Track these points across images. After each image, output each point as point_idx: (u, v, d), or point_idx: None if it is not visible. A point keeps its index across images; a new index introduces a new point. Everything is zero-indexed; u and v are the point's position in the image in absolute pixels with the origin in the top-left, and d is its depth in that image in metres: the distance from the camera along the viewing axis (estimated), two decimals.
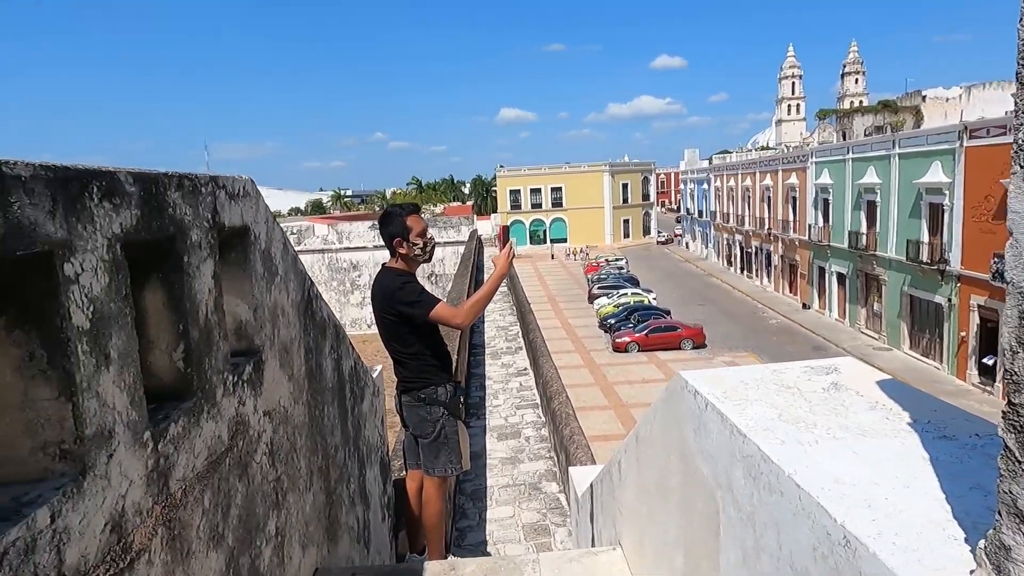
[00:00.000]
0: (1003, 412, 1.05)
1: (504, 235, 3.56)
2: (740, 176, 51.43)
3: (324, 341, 3.38)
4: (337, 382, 3.59)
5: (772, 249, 45.20)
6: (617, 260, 57.45)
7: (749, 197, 49.48)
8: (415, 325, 3.42)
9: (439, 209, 74.04)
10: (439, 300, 3.30)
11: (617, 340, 32.33)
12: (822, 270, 37.58)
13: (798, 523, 1.53)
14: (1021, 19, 0.95)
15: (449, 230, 37.33)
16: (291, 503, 2.70)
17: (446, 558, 4.02)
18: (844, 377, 2.27)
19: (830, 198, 35.99)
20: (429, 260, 3.47)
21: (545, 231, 74.46)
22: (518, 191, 74.32)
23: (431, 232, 3.52)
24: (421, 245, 3.42)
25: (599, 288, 44.53)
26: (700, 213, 63.87)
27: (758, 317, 39.58)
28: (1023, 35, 0.94)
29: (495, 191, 79.88)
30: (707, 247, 61.98)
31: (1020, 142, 0.97)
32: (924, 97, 45.12)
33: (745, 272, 51.25)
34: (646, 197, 78.82)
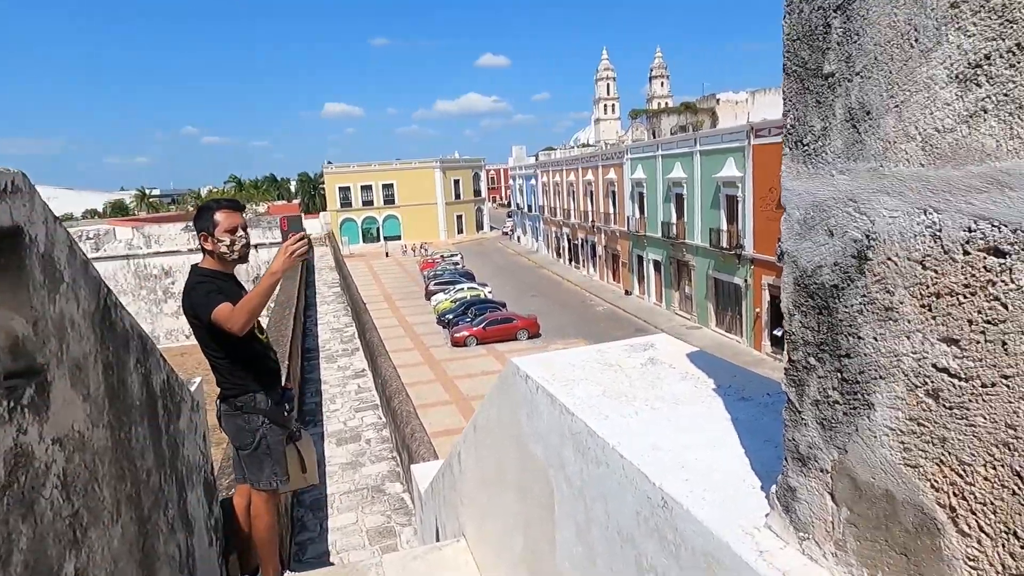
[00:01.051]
0: (785, 369, 1.17)
1: (287, 227, 3.19)
2: (564, 172, 54.06)
3: (128, 355, 3.02)
4: (147, 399, 3.23)
5: (596, 240, 48.09)
6: (452, 256, 57.90)
7: (574, 192, 52.18)
8: (213, 327, 3.16)
9: (263, 208, 69.74)
10: (225, 301, 3.02)
11: (455, 335, 32.66)
12: (640, 258, 40.68)
13: (623, 491, 1.62)
14: (785, 16, 1.06)
15: (274, 230, 35.37)
16: (94, 539, 2.38)
17: (283, 575, 3.79)
18: (659, 352, 2.45)
19: (644, 192, 39.03)
20: (242, 260, 3.20)
21: (378, 229, 73.12)
22: (348, 188, 72.19)
23: (244, 231, 3.25)
24: (227, 243, 3.16)
25: (435, 284, 44.64)
26: (529, 208, 66.25)
27: (587, 305, 41.94)
28: (787, 30, 1.05)
29: (324, 188, 76.91)
30: (537, 240, 64.47)
31: (789, 127, 1.08)
32: (718, 100, 50.35)
33: (573, 263, 54.05)
34: (478, 193, 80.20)
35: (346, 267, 31.14)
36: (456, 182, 75.62)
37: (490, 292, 41.90)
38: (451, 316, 35.67)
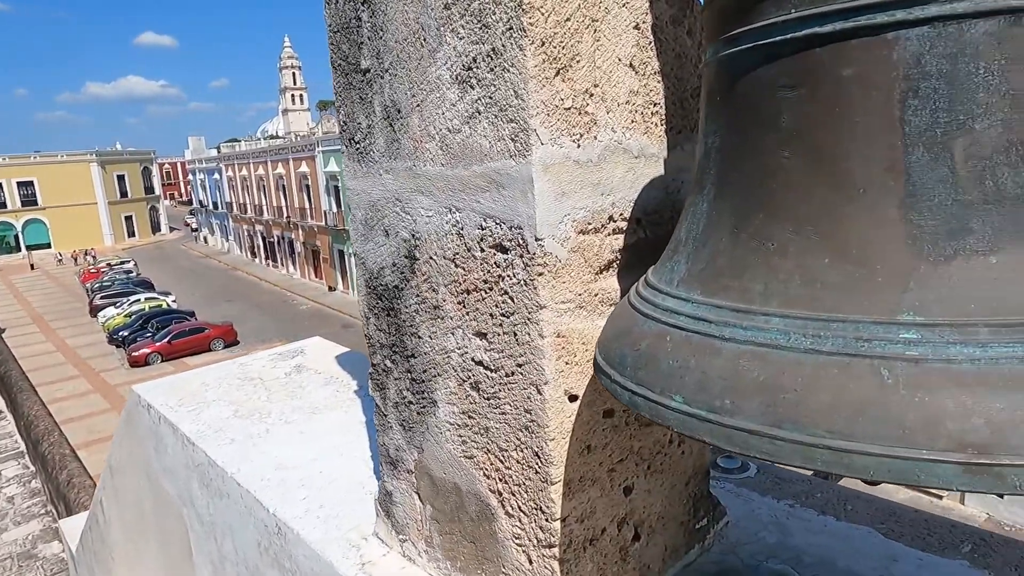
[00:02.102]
0: (369, 374, 1.14)
1: None
2: (253, 165, 50.52)
3: None
4: None
5: (294, 237, 45.99)
6: (123, 263, 50.38)
7: (265, 186, 49.08)
8: None
9: None
10: None
11: (133, 354, 28.51)
12: (342, 253, 40.01)
13: (244, 523, 1.47)
14: (325, 6, 1.00)
15: None
16: None
17: None
18: (308, 358, 2.33)
19: (339, 185, 38.39)
20: None
21: (17, 236, 60.03)
22: None
23: None
24: None
25: (103, 297, 38.39)
26: (216, 205, 60.55)
27: (289, 305, 39.96)
28: (328, 21, 0.99)
29: None
30: (228, 240, 59.38)
31: (342, 125, 1.03)
32: None
33: (271, 262, 50.97)
34: (150, 190, 70.65)
35: None
36: (121, 178, 65.51)
37: (174, 301, 37.48)
38: (126, 332, 31.02)
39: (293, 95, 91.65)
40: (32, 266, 55.46)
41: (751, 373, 0.52)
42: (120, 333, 31.65)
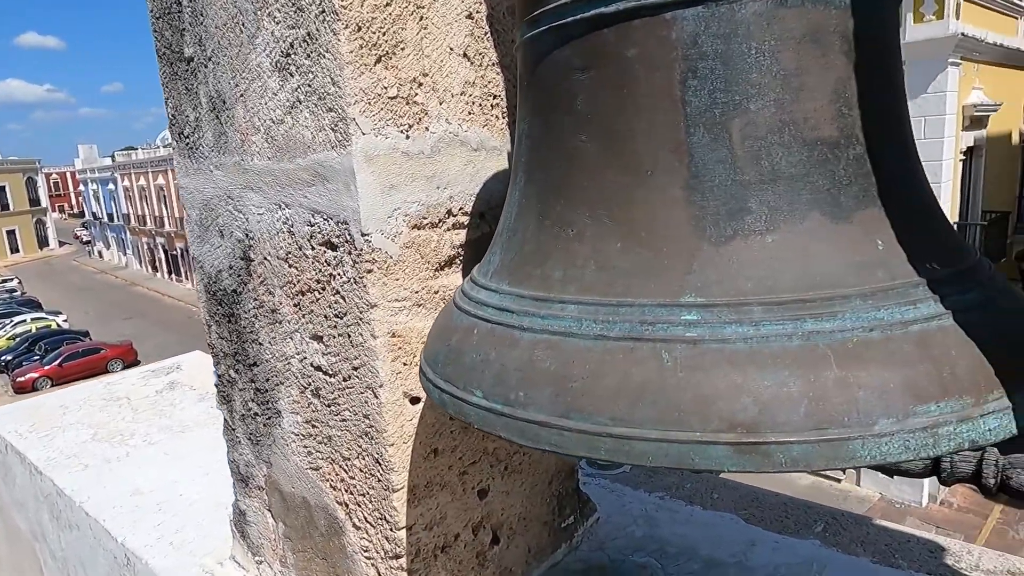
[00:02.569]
0: (216, 384, 1.07)
1: None
2: (152, 174, 47.90)
3: None
4: None
5: None
6: (5, 281, 46.61)
7: (166, 196, 46.62)
8: None
9: None
10: None
11: (19, 380, 26.40)
12: None
13: (95, 555, 1.35)
14: None
15: None
16: None
17: None
18: (184, 374, 2.19)
19: None
20: None
21: None
22: None
23: None
24: None
25: None
26: (111, 217, 56.90)
27: (194, 321, 38.00)
28: (150, 6, 0.92)
29: None
30: (126, 253, 55.94)
31: (171, 118, 0.96)
32: None
33: (174, 276, 48.37)
34: (36, 202, 65.61)
35: None
36: (1, 189, 60.58)
37: (65, 320, 34.98)
38: (11, 357, 28.83)
39: None
40: None
41: (544, 363, 0.50)
42: (3, 357, 29.33)
